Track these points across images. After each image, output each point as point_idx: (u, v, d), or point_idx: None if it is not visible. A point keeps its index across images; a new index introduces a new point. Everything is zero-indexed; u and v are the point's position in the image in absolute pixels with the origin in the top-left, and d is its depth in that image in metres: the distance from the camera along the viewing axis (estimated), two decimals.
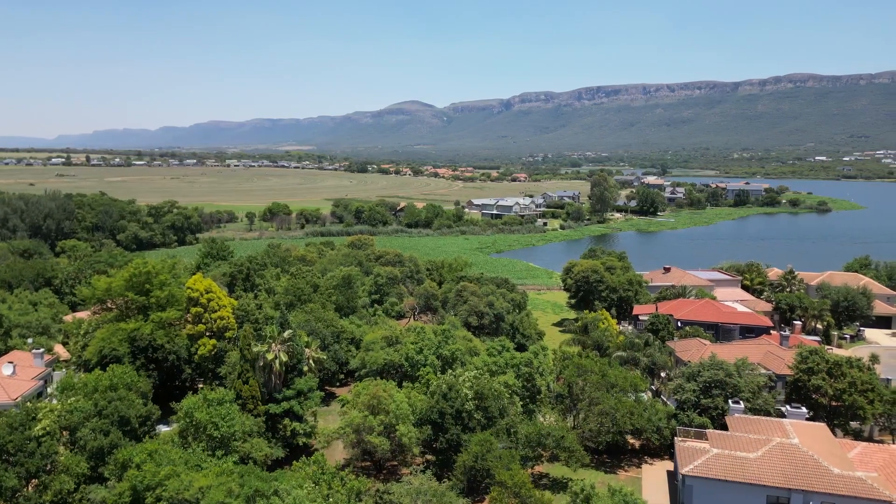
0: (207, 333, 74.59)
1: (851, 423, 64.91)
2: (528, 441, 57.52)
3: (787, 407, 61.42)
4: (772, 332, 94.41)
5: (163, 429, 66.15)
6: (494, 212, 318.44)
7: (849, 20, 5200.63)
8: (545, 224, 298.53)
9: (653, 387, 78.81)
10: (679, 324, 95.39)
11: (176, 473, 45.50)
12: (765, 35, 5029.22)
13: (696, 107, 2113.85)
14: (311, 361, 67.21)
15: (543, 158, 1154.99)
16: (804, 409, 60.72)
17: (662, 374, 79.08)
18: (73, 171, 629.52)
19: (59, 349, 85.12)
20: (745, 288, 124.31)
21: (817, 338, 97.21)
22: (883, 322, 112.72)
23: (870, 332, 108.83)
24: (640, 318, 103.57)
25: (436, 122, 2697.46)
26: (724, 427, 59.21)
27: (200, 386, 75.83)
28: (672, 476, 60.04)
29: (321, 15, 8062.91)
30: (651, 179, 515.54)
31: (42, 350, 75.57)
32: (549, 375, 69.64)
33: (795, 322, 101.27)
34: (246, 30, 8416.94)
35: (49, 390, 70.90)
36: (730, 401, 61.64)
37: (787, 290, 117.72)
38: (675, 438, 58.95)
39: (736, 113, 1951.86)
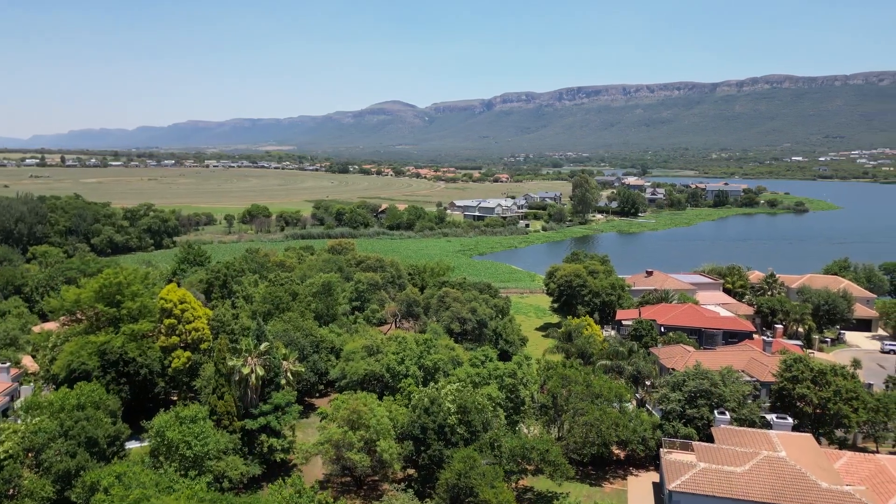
0: (181, 346, 72.39)
1: (836, 431, 64.65)
2: (512, 455, 56.17)
3: (773, 417, 60.83)
4: (754, 336, 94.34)
5: (134, 445, 63.91)
6: (477, 213, 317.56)
7: (824, 22, 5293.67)
8: (527, 225, 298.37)
9: (638, 395, 77.93)
10: (662, 329, 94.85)
11: (146, 497, 43.40)
12: (742, 36, 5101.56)
13: (675, 107, 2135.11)
14: (288, 374, 65.39)
15: (525, 159, 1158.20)
16: (790, 420, 60.19)
17: (647, 383, 78.27)
18: (47, 172, 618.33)
19: (28, 361, 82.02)
20: (726, 291, 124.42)
21: (799, 342, 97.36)
22: (863, 325, 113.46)
23: (850, 336, 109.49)
24: (624, 323, 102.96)
25: (417, 122, 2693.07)
26: (710, 438, 58.44)
27: (175, 399, 73.59)
28: (658, 488, 59.14)
29: (303, 15, 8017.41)
30: (631, 180, 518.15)
31: (8, 364, 72.70)
32: (532, 385, 68.41)
33: (777, 326, 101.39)
34: (226, 29, 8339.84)
35: (16, 405, 68.13)
36: (715, 411, 60.90)
37: (769, 293, 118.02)
38: (661, 450, 58.14)
39: (714, 113, 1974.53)
